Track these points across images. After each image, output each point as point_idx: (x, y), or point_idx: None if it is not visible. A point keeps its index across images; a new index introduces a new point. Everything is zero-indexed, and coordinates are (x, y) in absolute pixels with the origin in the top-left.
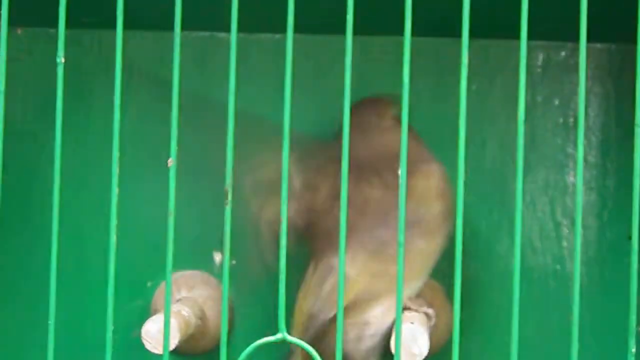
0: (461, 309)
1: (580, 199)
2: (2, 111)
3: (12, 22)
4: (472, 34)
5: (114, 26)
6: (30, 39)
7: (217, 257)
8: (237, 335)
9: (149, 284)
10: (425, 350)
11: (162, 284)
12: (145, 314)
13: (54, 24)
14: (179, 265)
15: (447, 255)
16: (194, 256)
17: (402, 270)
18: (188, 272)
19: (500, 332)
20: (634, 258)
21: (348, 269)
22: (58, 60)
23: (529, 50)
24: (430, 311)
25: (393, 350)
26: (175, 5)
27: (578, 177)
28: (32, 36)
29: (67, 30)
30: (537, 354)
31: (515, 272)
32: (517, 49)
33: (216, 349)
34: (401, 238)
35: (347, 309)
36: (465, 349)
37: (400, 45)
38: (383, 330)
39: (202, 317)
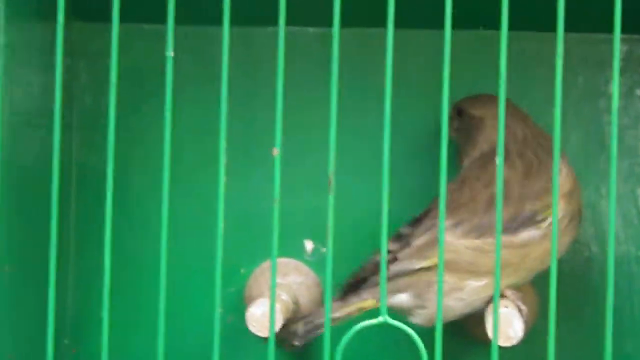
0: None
1: None
2: (113, 103)
3: (111, 18)
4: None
5: (195, 22)
6: (124, 35)
7: (308, 245)
8: None
9: (242, 270)
10: (520, 334)
11: (256, 271)
12: (239, 300)
13: (146, 19)
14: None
15: None
16: (286, 244)
17: (500, 257)
18: (281, 260)
19: (585, 319)
20: None
21: (449, 235)
22: (168, 54)
23: (610, 42)
24: (524, 308)
25: (489, 332)
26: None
27: None
28: (125, 32)
29: (156, 26)
30: (621, 339)
31: (609, 260)
32: (599, 42)
33: None
34: (498, 226)
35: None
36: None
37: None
38: (473, 302)
39: (296, 302)
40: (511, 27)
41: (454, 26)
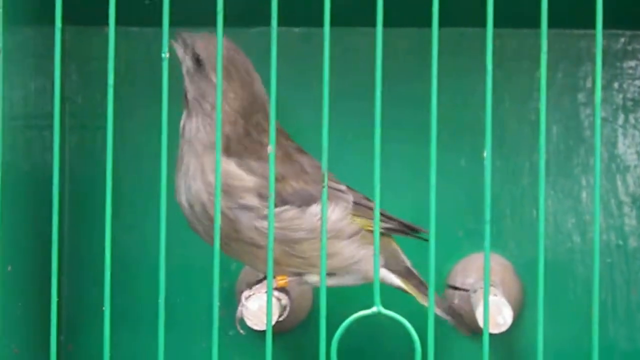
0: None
1: None
2: (111, 104)
3: (100, 22)
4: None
5: (181, 24)
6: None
7: None
8: (315, 313)
9: (232, 266)
10: (509, 320)
11: (246, 267)
12: (230, 295)
13: (133, 22)
14: None
15: (516, 235)
16: None
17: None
18: None
19: (569, 307)
20: None
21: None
22: (163, 55)
23: (588, 38)
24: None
25: (480, 320)
26: None
27: None
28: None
29: (141, 29)
30: (604, 326)
31: (595, 250)
32: (578, 37)
33: (297, 327)
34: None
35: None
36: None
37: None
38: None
39: (287, 296)
40: (494, 25)
41: (440, 24)
